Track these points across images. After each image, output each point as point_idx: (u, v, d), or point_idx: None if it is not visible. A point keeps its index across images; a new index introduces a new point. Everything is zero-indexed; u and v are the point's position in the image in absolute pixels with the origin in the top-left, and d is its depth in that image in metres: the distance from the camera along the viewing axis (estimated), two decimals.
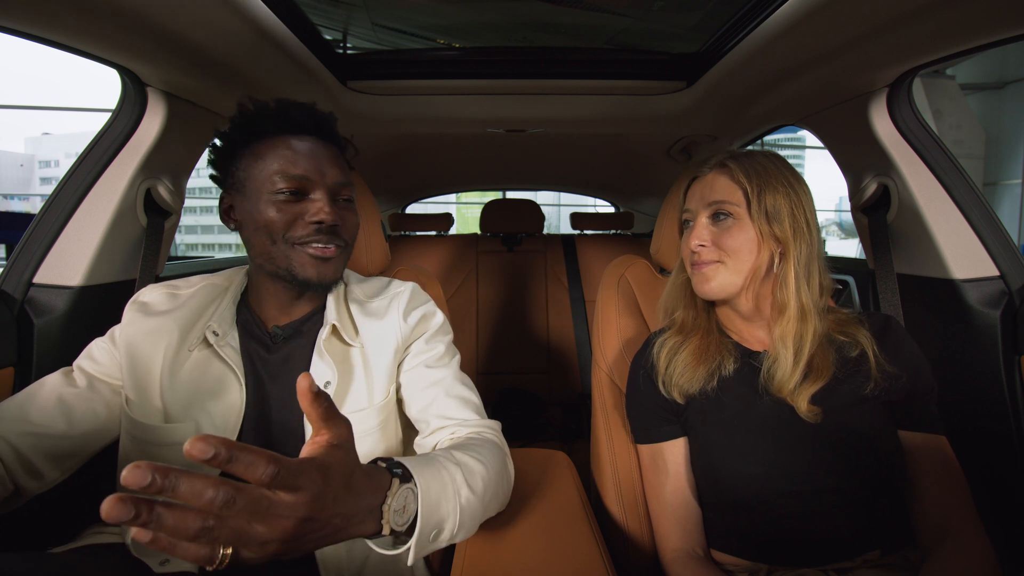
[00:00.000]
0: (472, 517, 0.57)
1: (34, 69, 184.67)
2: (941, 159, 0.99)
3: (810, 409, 0.68)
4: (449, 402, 0.73)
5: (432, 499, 0.51)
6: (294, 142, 0.69)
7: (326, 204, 0.68)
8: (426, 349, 0.77)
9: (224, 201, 0.73)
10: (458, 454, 0.60)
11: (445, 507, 0.52)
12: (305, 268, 0.69)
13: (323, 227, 0.68)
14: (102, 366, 0.72)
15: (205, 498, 0.33)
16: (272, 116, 0.70)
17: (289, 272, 0.69)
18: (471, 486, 0.57)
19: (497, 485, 0.63)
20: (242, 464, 0.34)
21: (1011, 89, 6.46)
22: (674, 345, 0.78)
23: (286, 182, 0.67)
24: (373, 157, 1.73)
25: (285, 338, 0.74)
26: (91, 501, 0.86)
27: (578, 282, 2.12)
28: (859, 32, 0.77)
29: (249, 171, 0.69)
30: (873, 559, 0.67)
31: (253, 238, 0.70)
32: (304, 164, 0.68)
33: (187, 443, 0.33)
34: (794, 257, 0.69)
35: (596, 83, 1.24)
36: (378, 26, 1.10)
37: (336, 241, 0.71)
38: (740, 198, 0.71)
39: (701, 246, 0.73)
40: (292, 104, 0.71)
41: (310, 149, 0.70)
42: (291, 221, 0.68)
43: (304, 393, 0.40)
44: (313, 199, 0.69)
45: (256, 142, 0.70)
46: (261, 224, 0.68)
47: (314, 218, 0.67)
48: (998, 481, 0.91)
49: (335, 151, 0.73)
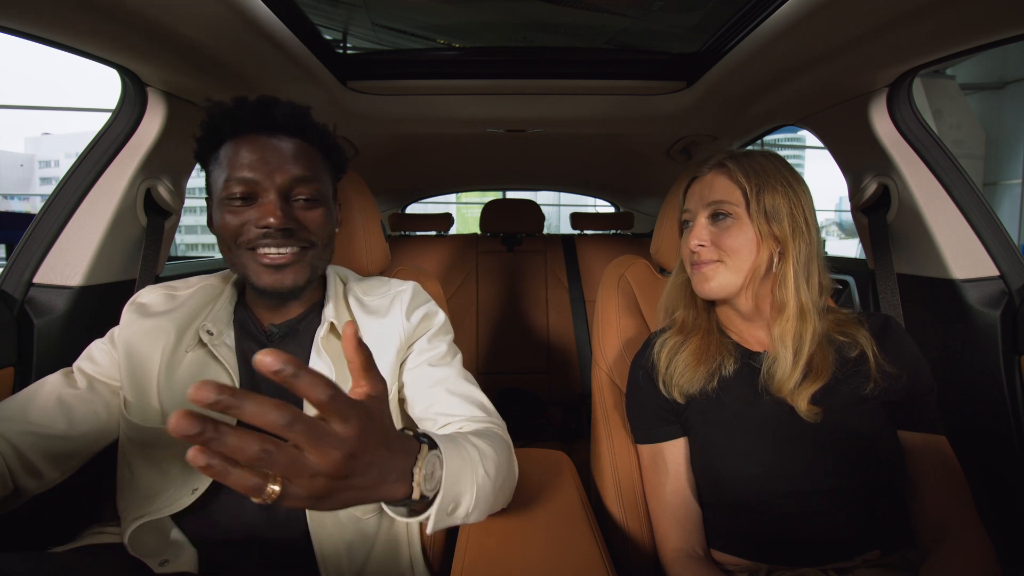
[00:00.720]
0: (486, 499, 0.57)
1: (34, 69, 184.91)
2: (941, 159, 0.99)
3: (810, 409, 0.68)
4: (453, 400, 0.72)
5: (453, 472, 0.51)
6: (248, 142, 0.67)
7: (273, 207, 0.65)
8: (428, 348, 0.76)
9: (208, 208, 0.73)
10: (473, 438, 0.60)
11: (464, 482, 0.53)
12: (260, 276, 0.67)
13: (271, 231, 0.65)
14: (101, 367, 0.72)
15: (268, 418, 0.34)
16: (228, 116, 0.68)
17: (247, 279, 0.69)
18: (486, 468, 0.57)
19: (507, 475, 0.63)
20: (305, 383, 0.35)
21: (1011, 89, 6.46)
22: (674, 345, 0.78)
23: (235, 186, 0.66)
24: (373, 157, 1.72)
25: (281, 336, 0.74)
26: (91, 501, 0.86)
27: (578, 282, 2.12)
28: (859, 32, 0.77)
29: (211, 178, 0.69)
30: (873, 559, 0.67)
31: (219, 244, 0.70)
32: (251, 167, 0.65)
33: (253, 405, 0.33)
34: (793, 256, 0.69)
35: (596, 83, 1.24)
36: (378, 26, 1.10)
37: (293, 244, 0.68)
38: (739, 198, 0.71)
39: (700, 246, 0.73)
40: (247, 102, 0.68)
41: (261, 150, 0.66)
42: (240, 226, 0.66)
43: (349, 339, 0.41)
44: (262, 202, 0.66)
45: (218, 146, 0.69)
46: (218, 230, 0.68)
47: (260, 223, 0.65)
48: (998, 481, 0.91)
49: (299, 146, 0.69)
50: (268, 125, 0.68)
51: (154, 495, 0.66)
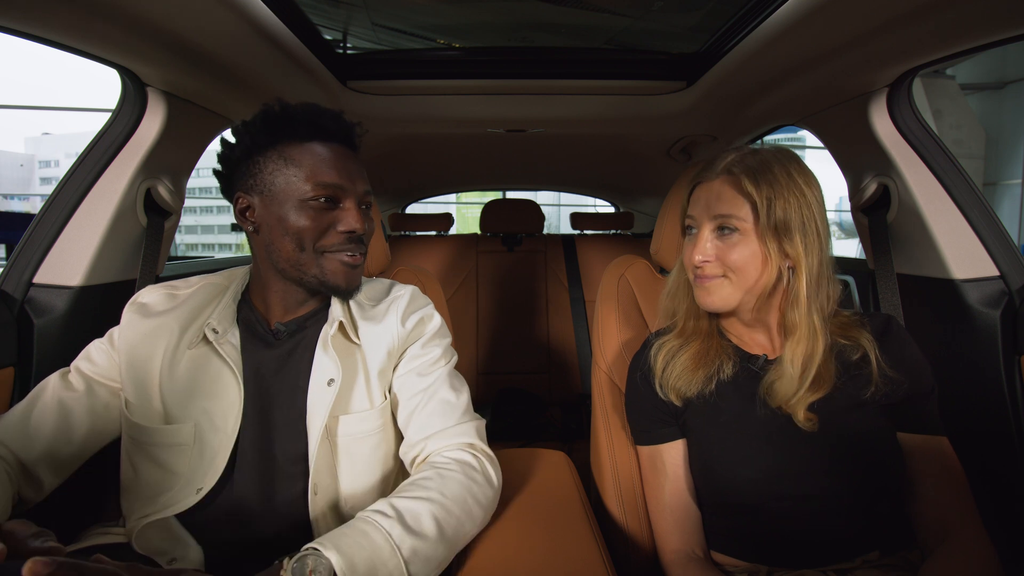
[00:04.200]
0: (431, 560, 0.57)
1: (33, 75, 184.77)
2: (941, 159, 0.99)
3: (807, 418, 0.67)
4: (429, 409, 0.72)
5: (361, 570, 0.51)
6: (325, 149, 0.69)
7: (359, 213, 0.70)
8: (421, 354, 0.77)
9: (241, 201, 0.70)
10: (397, 501, 0.59)
11: (384, 571, 0.53)
12: (336, 276, 0.70)
13: (354, 236, 0.70)
14: (100, 368, 0.72)
15: None
16: (303, 120, 0.69)
17: (318, 279, 0.70)
18: (418, 533, 0.56)
19: (461, 507, 0.62)
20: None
21: (1011, 89, 6.45)
22: (672, 348, 0.78)
23: (321, 189, 0.67)
24: (373, 157, 1.73)
25: (289, 334, 0.74)
26: (92, 501, 0.86)
27: (578, 282, 2.12)
28: (859, 32, 0.77)
29: (277, 175, 0.68)
30: (872, 560, 0.67)
31: (278, 242, 0.69)
32: (337, 172, 0.68)
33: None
34: (806, 272, 0.66)
35: (596, 83, 1.24)
36: (378, 26, 1.10)
37: (362, 249, 0.72)
38: (747, 212, 0.67)
39: (705, 262, 0.71)
40: (322, 110, 0.71)
41: (341, 157, 0.70)
42: (323, 229, 0.68)
43: None
44: (345, 208, 0.69)
45: (284, 145, 0.69)
46: (292, 230, 0.67)
47: (346, 228, 0.69)
48: (998, 481, 0.91)
49: (359, 160, 0.75)
50: (343, 136, 0.72)
51: (158, 494, 0.66)
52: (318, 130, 0.69)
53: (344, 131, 0.72)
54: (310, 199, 0.67)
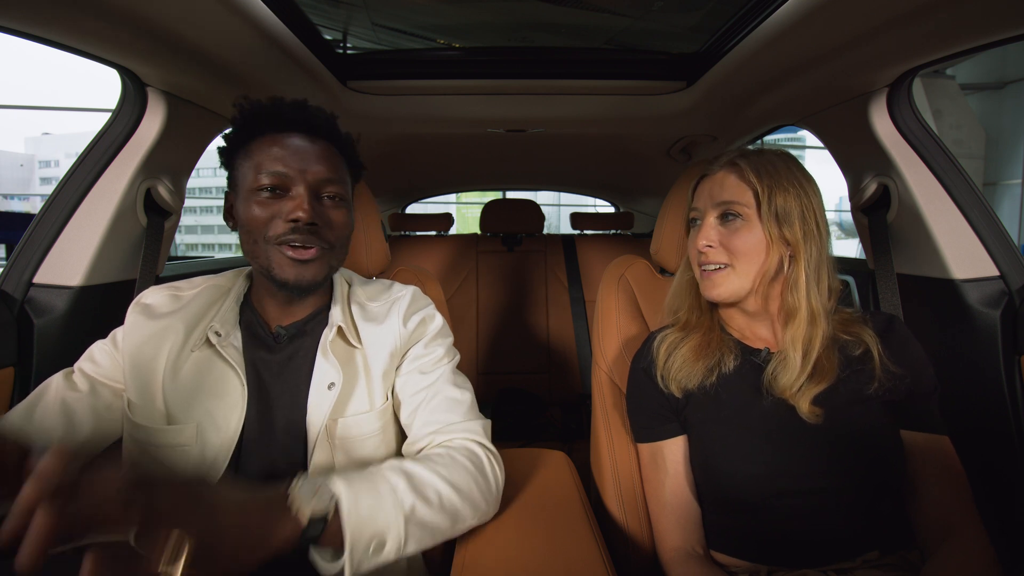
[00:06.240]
0: (428, 527, 0.57)
1: (33, 76, 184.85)
2: (941, 159, 0.99)
3: (811, 410, 0.68)
4: (434, 406, 0.72)
5: (366, 508, 0.51)
6: (281, 139, 0.69)
7: (303, 201, 0.66)
8: (424, 354, 0.76)
9: (227, 200, 0.73)
10: (408, 464, 0.60)
11: (384, 516, 0.53)
12: (283, 269, 0.68)
13: (299, 226, 0.66)
14: (103, 368, 0.72)
15: None
16: (264, 114, 0.69)
17: (269, 272, 0.69)
18: (422, 495, 0.57)
19: (466, 491, 0.62)
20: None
21: (1011, 89, 6.45)
22: (674, 340, 0.78)
23: (266, 178, 0.67)
24: (373, 157, 1.73)
25: (289, 338, 0.74)
26: None
27: (578, 282, 2.12)
28: (859, 32, 0.77)
29: (240, 170, 0.70)
30: (873, 559, 0.67)
31: (241, 237, 0.70)
32: (285, 161, 0.67)
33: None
34: (804, 259, 0.69)
35: (596, 83, 1.24)
36: (378, 26, 1.10)
37: (317, 243, 0.68)
38: (750, 199, 0.70)
39: (708, 246, 0.72)
40: (284, 102, 0.70)
41: (296, 146, 0.68)
42: (269, 219, 0.67)
43: None
44: (292, 196, 0.67)
45: (249, 141, 0.70)
46: (243, 222, 0.68)
47: (290, 216, 0.66)
48: (998, 481, 0.91)
49: (328, 148, 0.72)
50: (303, 125, 0.70)
51: None
52: (278, 121, 0.69)
53: (306, 120, 0.70)
54: (256, 188, 0.67)
